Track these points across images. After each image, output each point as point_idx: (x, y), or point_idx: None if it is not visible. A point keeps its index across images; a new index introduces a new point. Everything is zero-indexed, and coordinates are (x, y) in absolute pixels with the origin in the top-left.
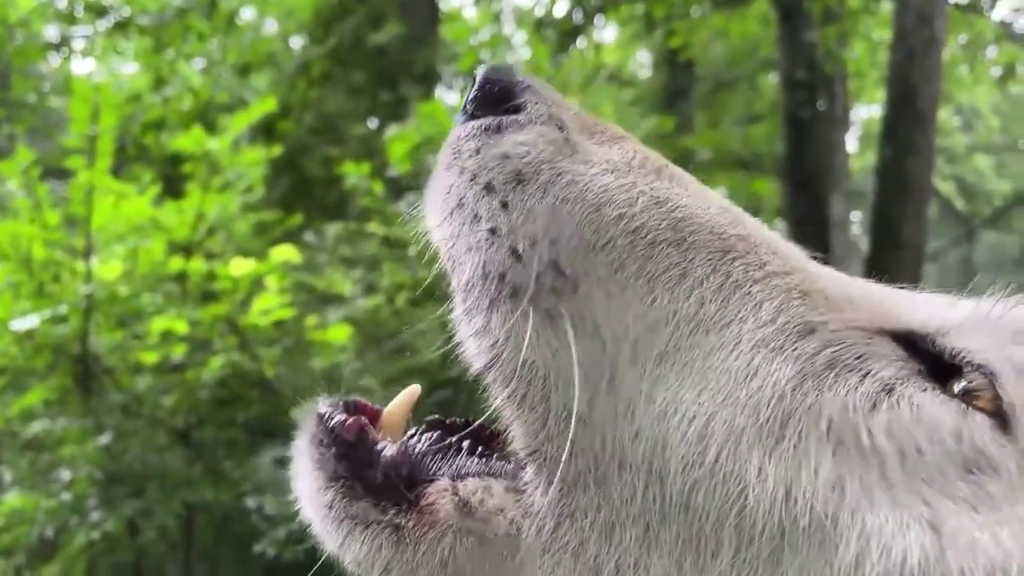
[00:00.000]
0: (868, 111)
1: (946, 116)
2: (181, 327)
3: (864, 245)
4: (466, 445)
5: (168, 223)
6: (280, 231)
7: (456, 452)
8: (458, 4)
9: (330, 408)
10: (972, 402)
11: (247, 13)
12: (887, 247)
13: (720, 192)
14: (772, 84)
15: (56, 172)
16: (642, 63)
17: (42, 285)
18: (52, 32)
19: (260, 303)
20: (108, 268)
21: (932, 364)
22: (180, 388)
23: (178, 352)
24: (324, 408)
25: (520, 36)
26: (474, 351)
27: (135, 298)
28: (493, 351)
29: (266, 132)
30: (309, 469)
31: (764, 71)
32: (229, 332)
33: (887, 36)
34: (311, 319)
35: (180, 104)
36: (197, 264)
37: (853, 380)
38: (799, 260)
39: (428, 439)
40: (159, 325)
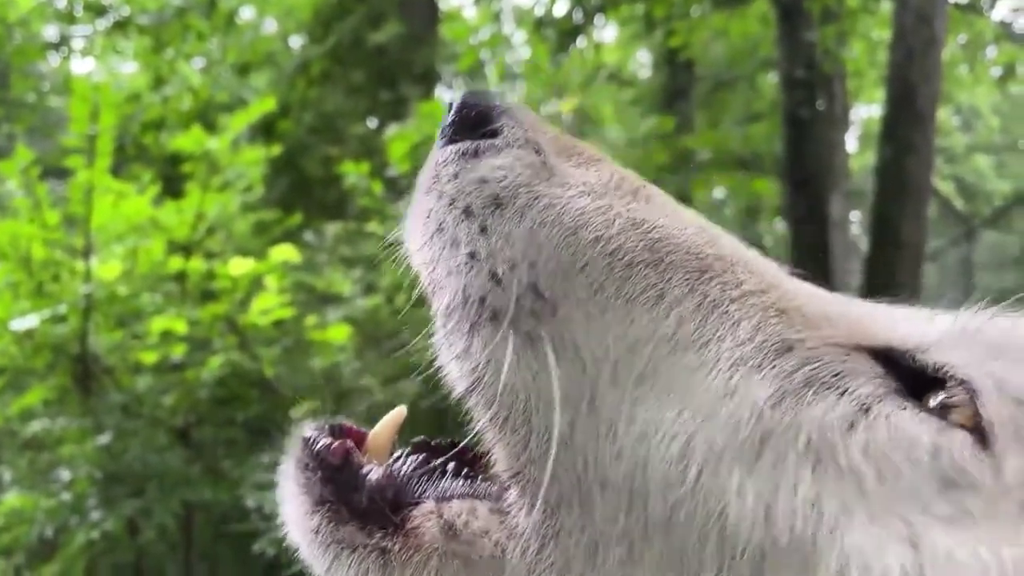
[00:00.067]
0: (867, 111)
1: (946, 116)
2: (180, 327)
3: (864, 245)
4: (451, 467)
5: (167, 223)
6: (279, 231)
7: (441, 474)
8: (458, 3)
9: (315, 432)
10: (950, 417)
11: (246, 12)
12: (887, 247)
13: (719, 192)
14: (772, 84)
15: (55, 172)
16: (642, 63)
17: (41, 285)
18: (51, 31)
19: (259, 303)
20: (107, 268)
21: (911, 380)
22: (179, 388)
23: (177, 352)
24: (309, 432)
25: (520, 35)
26: (456, 375)
27: (134, 298)
28: (474, 375)
29: (265, 131)
30: (295, 493)
31: (764, 71)
32: (228, 332)
33: (886, 36)
34: (311, 319)
35: (179, 103)
36: (196, 264)
37: (831, 398)
38: (777, 278)
39: (413, 461)
40: (158, 325)
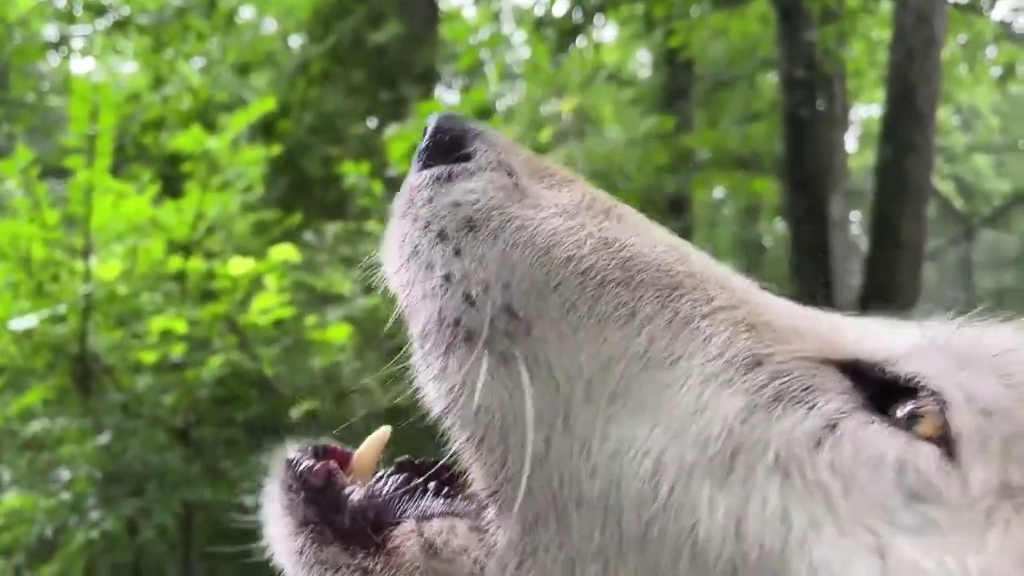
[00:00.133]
0: (867, 110)
1: (945, 116)
2: (180, 326)
3: (864, 244)
4: (432, 485)
5: (167, 222)
6: (279, 230)
7: (423, 493)
8: (457, 3)
9: (299, 454)
10: (918, 428)
11: (246, 12)
12: (886, 246)
13: (719, 191)
14: (771, 83)
15: (55, 171)
16: (642, 63)
17: (41, 284)
18: (51, 31)
19: (259, 302)
20: (107, 267)
21: (880, 392)
22: (179, 387)
23: (177, 351)
24: (293, 454)
25: (519, 35)
26: (433, 396)
27: (134, 297)
28: (450, 395)
29: (265, 131)
30: (279, 515)
31: (763, 70)
32: (228, 331)
33: (886, 35)
34: (310, 318)
35: (179, 103)
36: (196, 263)
37: (800, 413)
38: (747, 293)
39: (395, 481)
40: (158, 324)
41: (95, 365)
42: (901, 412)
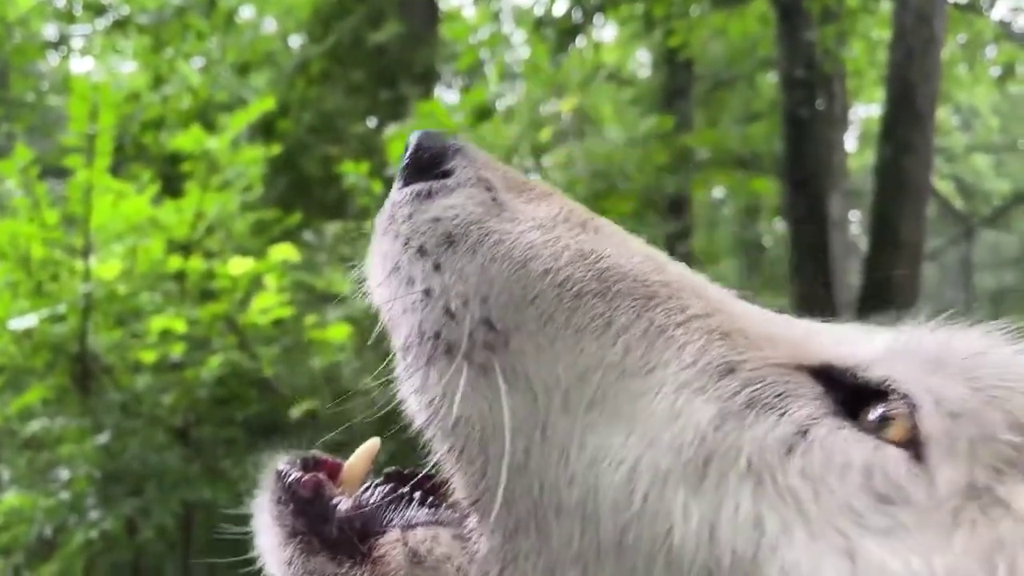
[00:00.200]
0: (867, 110)
1: (945, 115)
2: (180, 326)
3: (863, 244)
4: (417, 495)
5: (167, 222)
6: (279, 230)
7: (408, 502)
8: (457, 3)
9: (288, 466)
10: (887, 431)
11: (246, 12)
12: (886, 246)
13: (719, 191)
14: (771, 83)
15: (55, 171)
16: (641, 62)
17: (40, 284)
18: (51, 31)
19: (259, 302)
20: (107, 267)
21: (852, 396)
22: (179, 387)
23: (177, 351)
24: (282, 466)
25: (519, 35)
26: (415, 408)
27: (134, 297)
28: (431, 407)
29: (265, 131)
30: (269, 525)
31: (763, 70)
32: (228, 331)
33: (886, 35)
34: (310, 318)
35: (179, 103)
36: (196, 263)
37: (771, 419)
38: (722, 301)
39: (382, 491)
40: (158, 324)
41: (94, 365)
42: (872, 416)
